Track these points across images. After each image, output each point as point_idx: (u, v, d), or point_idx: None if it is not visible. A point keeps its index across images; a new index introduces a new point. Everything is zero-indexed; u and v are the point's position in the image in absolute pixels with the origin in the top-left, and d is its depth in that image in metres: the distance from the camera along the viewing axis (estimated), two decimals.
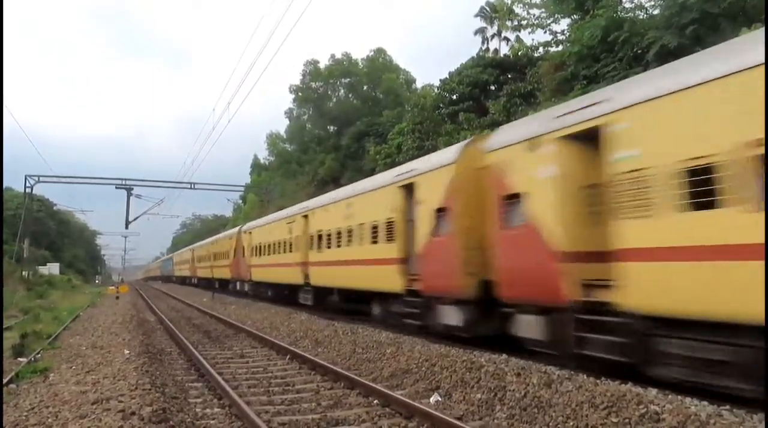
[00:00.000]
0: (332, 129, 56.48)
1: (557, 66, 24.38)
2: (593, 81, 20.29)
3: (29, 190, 45.10)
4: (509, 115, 25.82)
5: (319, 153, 53.97)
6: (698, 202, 6.55)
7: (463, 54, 62.01)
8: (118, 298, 35.22)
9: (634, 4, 22.05)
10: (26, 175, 43.98)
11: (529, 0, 27.35)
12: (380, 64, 57.88)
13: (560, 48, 25.19)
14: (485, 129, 24.66)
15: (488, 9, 41.96)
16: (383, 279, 14.25)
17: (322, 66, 58.66)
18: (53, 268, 62.34)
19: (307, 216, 21.07)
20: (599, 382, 7.30)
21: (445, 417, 6.52)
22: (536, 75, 27.48)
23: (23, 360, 12.09)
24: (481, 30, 43.36)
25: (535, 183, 9.16)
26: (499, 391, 7.47)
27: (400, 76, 57.43)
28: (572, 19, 24.74)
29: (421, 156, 17.66)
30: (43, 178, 44.38)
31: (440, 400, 7.71)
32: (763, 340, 5.86)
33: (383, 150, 36.48)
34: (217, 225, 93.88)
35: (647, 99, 7.34)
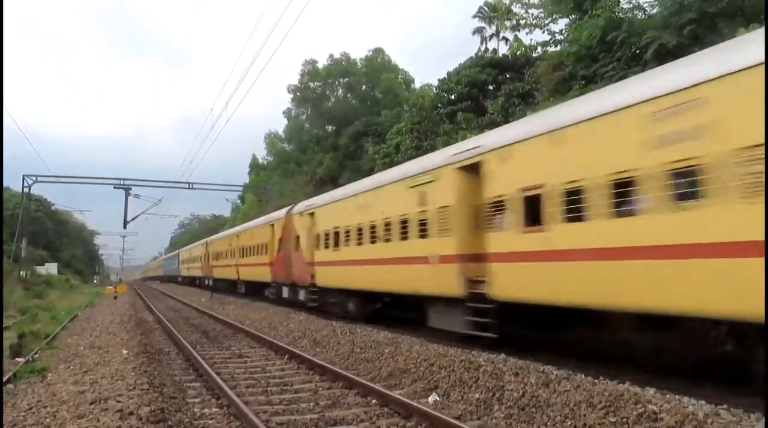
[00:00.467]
0: (331, 129, 56.46)
1: (555, 66, 24.38)
2: (591, 81, 20.29)
3: (27, 190, 45.02)
4: (507, 115, 25.83)
5: (317, 153, 53.95)
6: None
7: (463, 53, 61.92)
8: (116, 298, 35.20)
9: (632, 4, 22.07)
10: (24, 175, 43.92)
11: (527, 0, 27.36)
12: (379, 64, 57.90)
13: (558, 48, 25.20)
14: (484, 129, 24.65)
15: (486, 9, 41.95)
16: None
17: (320, 66, 58.73)
18: (51, 268, 62.33)
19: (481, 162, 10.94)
20: (597, 382, 7.33)
21: (443, 416, 6.52)
22: (534, 75, 27.50)
23: (21, 360, 12.06)
24: (479, 30, 43.34)
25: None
26: (497, 391, 7.48)
27: (398, 76, 57.44)
28: (570, 19, 24.74)
29: (419, 156, 17.37)
30: (41, 178, 44.29)
31: (438, 400, 7.72)
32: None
33: (382, 149, 36.46)
34: (215, 224, 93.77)
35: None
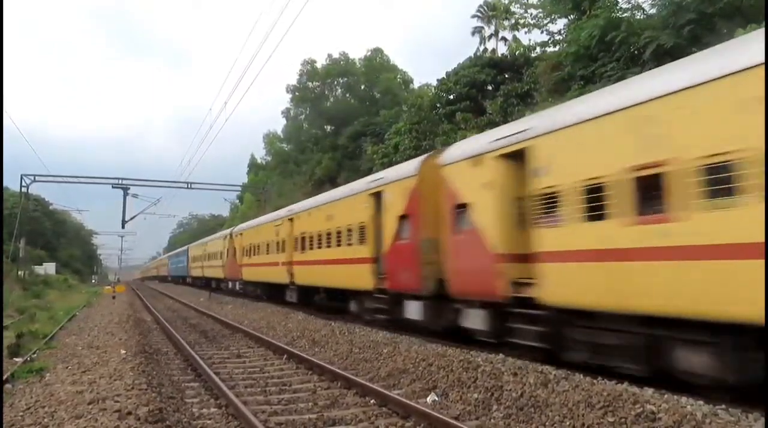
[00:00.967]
0: (329, 129, 56.43)
1: (554, 66, 24.41)
2: (590, 81, 20.31)
3: (25, 190, 44.97)
4: (506, 115, 25.83)
5: (316, 152, 53.93)
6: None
7: (462, 53, 62.08)
8: (114, 298, 35.17)
9: (631, 5, 22.09)
10: (22, 175, 43.86)
11: (526, 0, 27.40)
12: (378, 64, 57.91)
13: (557, 48, 25.22)
14: (483, 129, 24.66)
15: (485, 9, 41.96)
16: None
17: (319, 66, 58.70)
18: (49, 268, 62.28)
19: None
20: (596, 382, 7.33)
21: (442, 416, 6.52)
22: (533, 75, 27.53)
23: (19, 360, 12.04)
24: (478, 30, 43.36)
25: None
26: (495, 391, 7.48)
27: (397, 76, 57.44)
28: (569, 20, 24.77)
29: (418, 155, 17.50)
30: (39, 178, 44.24)
31: (437, 400, 7.71)
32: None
33: (380, 150, 36.47)
34: (214, 224, 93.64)
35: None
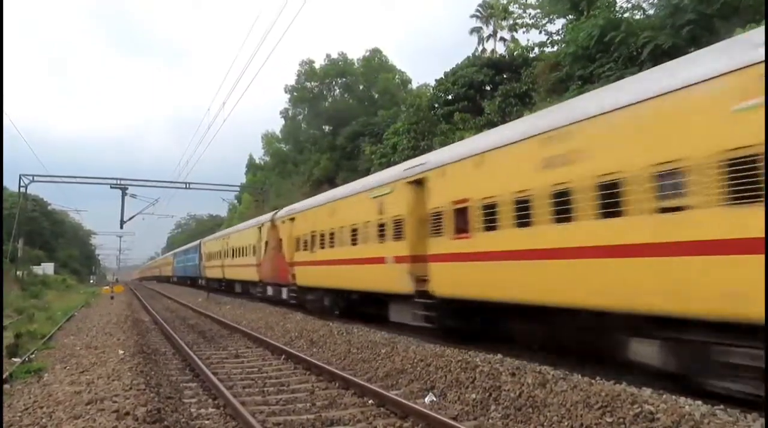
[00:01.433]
0: (328, 129, 56.38)
1: (552, 66, 24.42)
2: (588, 81, 20.31)
3: (24, 190, 44.92)
4: (504, 116, 25.85)
5: (314, 153, 53.89)
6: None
7: (463, 54, 62.00)
8: (113, 298, 35.13)
9: (631, 4, 22.12)
10: (21, 175, 43.77)
11: (524, 0, 27.40)
12: (376, 64, 57.89)
13: (555, 48, 25.24)
14: (481, 129, 24.67)
15: (482, 10, 42.01)
16: None
17: (317, 66, 58.67)
18: (48, 268, 62.14)
19: None
20: (594, 382, 7.34)
21: (440, 417, 6.52)
22: (531, 75, 27.53)
23: (17, 360, 12.01)
24: (476, 29, 43.41)
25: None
26: (494, 391, 7.48)
27: (396, 76, 57.43)
28: (567, 20, 24.78)
29: (416, 156, 17.60)
30: (37, 178, 44.16)
31: (435, 400, 7.71)
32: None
33: (379, 150, 36.47)
34: (212, 224, 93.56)
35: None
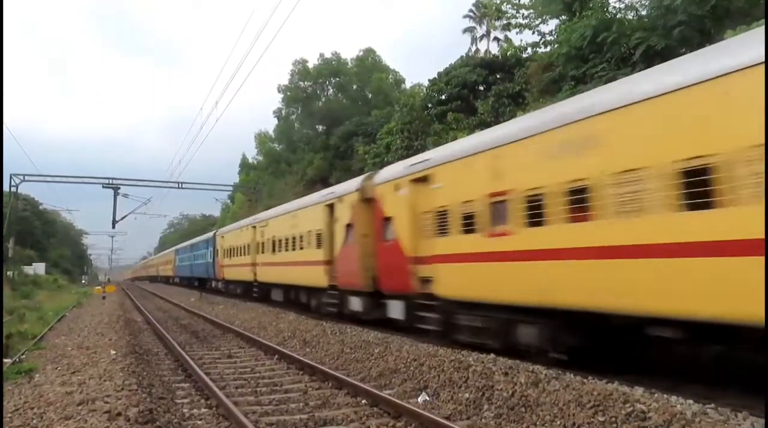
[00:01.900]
0: (321, 128, 56.28)
1: (545, 66, 24.46)
2: (581, 81, 20.37)
3: (15, 189, 44.60)
4: (497, 116, 25.89)
5: (307, 152, 53.75)
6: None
7: (456, 54, 62.18)
8: (104, 298, 34.98)
9: (624, 5, 22.18)
10: (11, 174, 43.46)
11: (517, 0, 27.41)
12: (369, 64, 57.83)
13: (548, 49, 25.29)
14: (474, 129, 24.70)
15: (475, 10, 42.07)
16: None
17: (311, 65, 58.55)
18: (39, 268, 61.83)
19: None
20: (586, 381, 7.37)
21: (433, 416, 6.53)
22: (524, 75, 27.58)
23: (8, 360, 11.97)
24: (470, 29, 43.47)
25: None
26: (486, 390, 7.50)
27: (389, 76, 57.41)
28: (560, 20, 24.83)
29: (409, 156, 17.70)
30: (28, 177, 43.87)
31: (428, 400, 7.72)
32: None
33: (372, 149, 36.44)
34: (205, 224, 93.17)
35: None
